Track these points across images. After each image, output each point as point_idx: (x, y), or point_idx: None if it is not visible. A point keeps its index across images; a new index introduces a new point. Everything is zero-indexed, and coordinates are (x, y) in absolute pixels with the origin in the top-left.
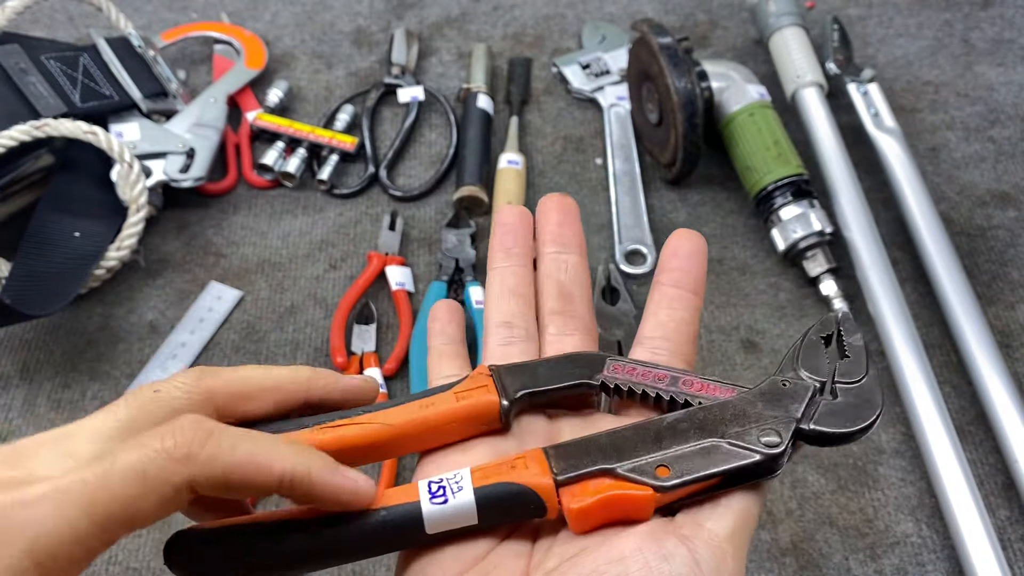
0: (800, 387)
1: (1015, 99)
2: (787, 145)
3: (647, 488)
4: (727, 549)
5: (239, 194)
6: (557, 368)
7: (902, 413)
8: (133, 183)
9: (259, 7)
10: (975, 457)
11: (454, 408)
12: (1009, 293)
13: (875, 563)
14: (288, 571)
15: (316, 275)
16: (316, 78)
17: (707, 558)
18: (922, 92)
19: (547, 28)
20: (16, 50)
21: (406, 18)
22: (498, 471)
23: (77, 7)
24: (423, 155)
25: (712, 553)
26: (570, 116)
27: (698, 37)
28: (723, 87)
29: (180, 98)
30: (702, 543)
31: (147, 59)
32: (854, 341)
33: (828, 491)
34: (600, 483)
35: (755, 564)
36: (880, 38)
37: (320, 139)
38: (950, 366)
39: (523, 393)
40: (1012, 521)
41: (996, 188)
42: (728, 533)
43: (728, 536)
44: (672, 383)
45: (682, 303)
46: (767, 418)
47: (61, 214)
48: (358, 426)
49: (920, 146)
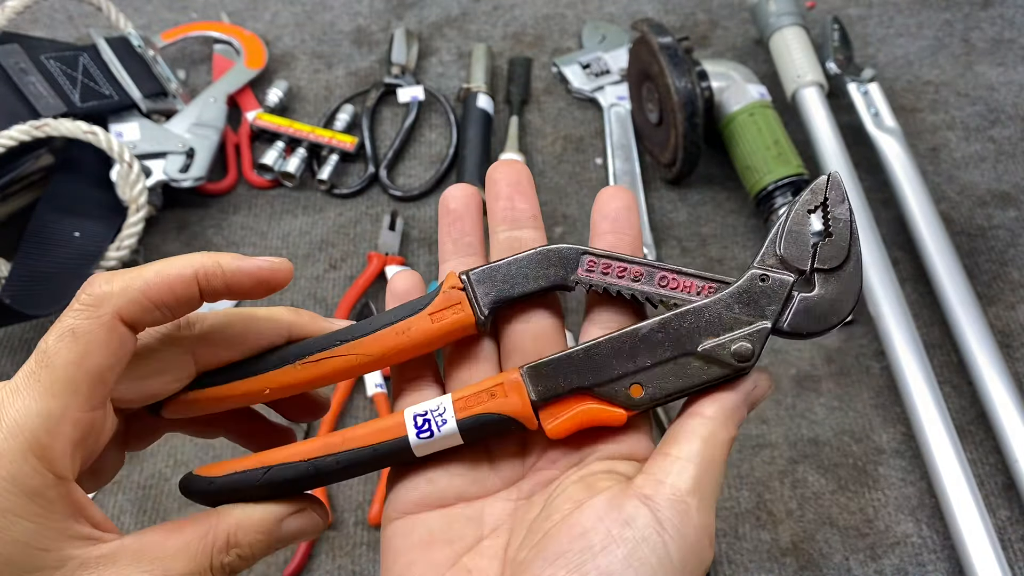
0: (777, 283)
1: (1015, 99)
2: (787, 145)
3: (618, 407)
4: (690, 502)
5: (239, 194)
6: (530, 269)
7: (902, 413)
8: (133, 183)
9: (259, 7)
10: (975, 457)
11: (430, 330)
12: (1009, 293)
13: (875, 563)
14: (292, 492)
15: (316, 275)
16: (316, 78)
17: (670, 515)
18: (922, 92)
19: (547, 28)
20: (16, 50)
21: (406, 18)
22: (479, 400)
23: (77, 7)
24: (423, 155)
25: (675, 509)
26: (570, 116)
27: (698, 37)
28: (723, 87)
29: (180, 98)
30: (664, 500)
31: (147, 59)
32: (839, 214)
33: (828, 491)
34: (576, 404)
35: (755, 564)
36: (880, 38)
37: (320, 139)
38: (950, 366)
39: (497, 304)
40: (1012, 521)
41: (996, 188)
42: (691, 486)
43: (691, 488)
44: (649, 279)
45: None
46: (742, 323)
47: (61, 214)
48: (339, 359)
49: (920, 146)
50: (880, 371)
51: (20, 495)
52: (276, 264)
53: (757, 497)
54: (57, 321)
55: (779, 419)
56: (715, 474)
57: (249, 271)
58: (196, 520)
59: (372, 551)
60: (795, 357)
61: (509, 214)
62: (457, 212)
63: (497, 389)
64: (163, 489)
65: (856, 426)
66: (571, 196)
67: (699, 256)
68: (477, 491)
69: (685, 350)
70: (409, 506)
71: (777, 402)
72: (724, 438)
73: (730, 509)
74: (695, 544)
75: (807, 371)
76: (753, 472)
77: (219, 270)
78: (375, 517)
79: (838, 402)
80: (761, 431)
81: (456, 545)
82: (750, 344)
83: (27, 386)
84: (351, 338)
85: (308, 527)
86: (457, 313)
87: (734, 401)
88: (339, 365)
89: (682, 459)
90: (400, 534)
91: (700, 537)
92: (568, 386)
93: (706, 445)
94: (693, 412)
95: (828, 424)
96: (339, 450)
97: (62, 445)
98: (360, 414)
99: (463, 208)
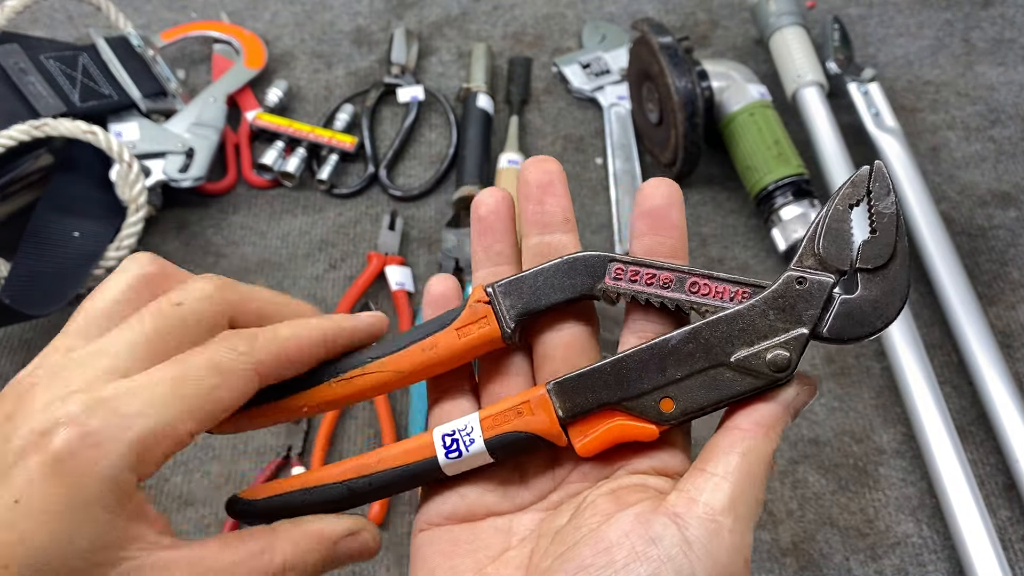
0: (816, 286)
1: (1016, 99)
2: (788, 145)
3: (648, 423)
4: (723, 522)
5: (238, 194)
6: (556, 279)
7: (903, 413)
8: (132, 183)
9: (259, 7)
10: (976, 457)
11: (457, 345)
12: (1010, 293)
13: (876, 563)
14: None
15: (316, 275)
16: (316, 78)
17: (699, 535)
18: (923, 92)
19: (547, 28)
20: (15, 50)
21: (406, 17)
22: (506, 418)
23: (76, 7)
24: (423, 155)
25: (705, 529)
26: (570, 116)
27: (698, 37)
28: (723, 87)
29: (179, 98)
30: (694, 519)
31: (146, 59)
32: (884, 208)
33: (829, 491)
34: (606, 420)
35: (756, 564)
36: (881, 38)
37: (320, 139)
38: (951, 366)
39: (523, 316)
40: (1013, 521)
41: (997, 188)
42: (725, 504)
43: (725, 507)
44: (679, 286)
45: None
46: (778, 330)
47: (60, 214)
48: (371, 375)
49: (921, 146)
50: (881, 371)
51: (110, 489)
52: (380, 320)
53: None
54: (199, 350)
55: None
56: (753, 491)
57: (364, 329)
58: (254, 535)
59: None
60: None
61: (539, 218)
62: (487, 220)
63: (524, 407)
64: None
65: (857, 426)
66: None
67: (699, 256)
68: (508, 507)
69: (718, 361)
70: (438, 519)
71: None
72: (764, 452)
73: None
74: (727, 566)
75: (807, 371)
76: None
77: (343, 333)
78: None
79: (839, 402)
80: None
81: (480, 555)
82: (787, 352)
83: (161, 385)
84: (381, 355)
85: (362, 550)
86: (483, 327)
87: (774, 412)
88: (371, 382)
89: (718, 476)
90: (427, 543)
91: (733, 559)
92: (596, 402)
93: (744, 460)
94: (730, 425)
95: (828, 424)
96: (373, 471)
97: (160, 455)
98: (360, 414)
99: (493, 215)
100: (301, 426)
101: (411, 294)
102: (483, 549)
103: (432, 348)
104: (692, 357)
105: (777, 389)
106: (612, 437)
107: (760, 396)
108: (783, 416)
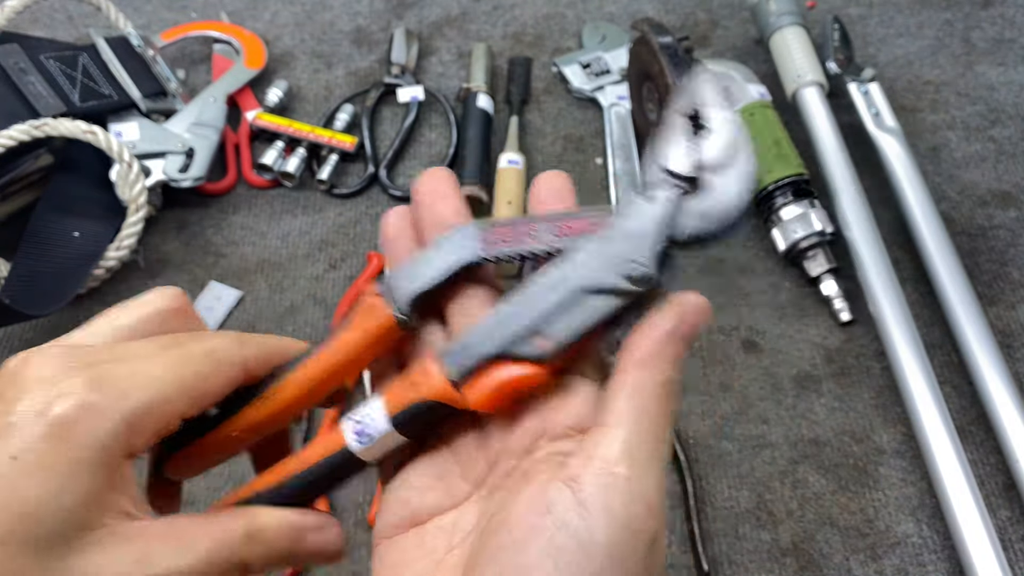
0: (663, 197)
1: (1016, 99)
2: (788, 145)
3: (531, 365)
4: (619, 472)
5: (238, 194)
6: (438, 258)
7: (903, 413)
8: (132, 183)
9: (259, 7)
10: (976, 457)
11: (359, 342)
12: (1010, 293)
13: (876, 563)
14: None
15: (316, 275)
16: (316, 78)
17: (593, 492)
18: (923, 92)
19: (547, 28)
20: (15, 50)
21: (406, 17)
22: (404, 392)
23: (76, 7)
24: (423, 155)
25: (600, 484)
26: (570, 116)
27: (698, 37)
28: None
29: (179, 98)
30: (590, 476)
31: (146, 59)
32: (718, 111)
33: (828, 491)
34: (492, 372)
35: (756, 564)
36: (881, 38)
37: (320, 139)
38: (951, 366)
39: (414, 298)
40: (1013, 521)
41: (997, 188)
42: (619, 453)
43: (619, 456)
44: (546, 234)
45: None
46: (634, 247)
47: (60, 214)
48: (288, 389)
49: (921, 146)
50: (881, 371)
51: (100, 456)
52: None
53: (757, 497)
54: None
55: (779, 419)
56: (652, 430)
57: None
58: (226, 511)
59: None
60: (795, 357)
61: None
62: (389, 236)
63: (416, 377)
64: None
65: (856, 426)
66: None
67: (698, 256)
68: (449, 503)
69: (580, 288)
70: (388, 530)
71: (777, 402)
72: (654, 383)
73: (730, 509)
74: (627, 518)
75: (807, 371)
76: (753, 472)
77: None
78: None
79: (838, 402)
80: (761, 431)
81: (427, 560)
82: (644, 266)
83: (160, 365)
84: (294, 367)
85: (327, 547)
86: (378, 319)
87: (656, 337)
88: (289, 396)
89: (609, 425)
90: (378, 558)
91: (632, 508)
92: (480, 356)
93: (630, 402)
94: (616, 370)
95: (828, 424)
96: (298, 471)
97: (151, 431)
98: None
99: (397, 233)
100: (301, 425)
101: None
102: (429, 554)
103: (338, 350)
104: (556, 290)
105: (650, 318)
106: (502, 385)
107: (636, 329)
108: (663, 343)
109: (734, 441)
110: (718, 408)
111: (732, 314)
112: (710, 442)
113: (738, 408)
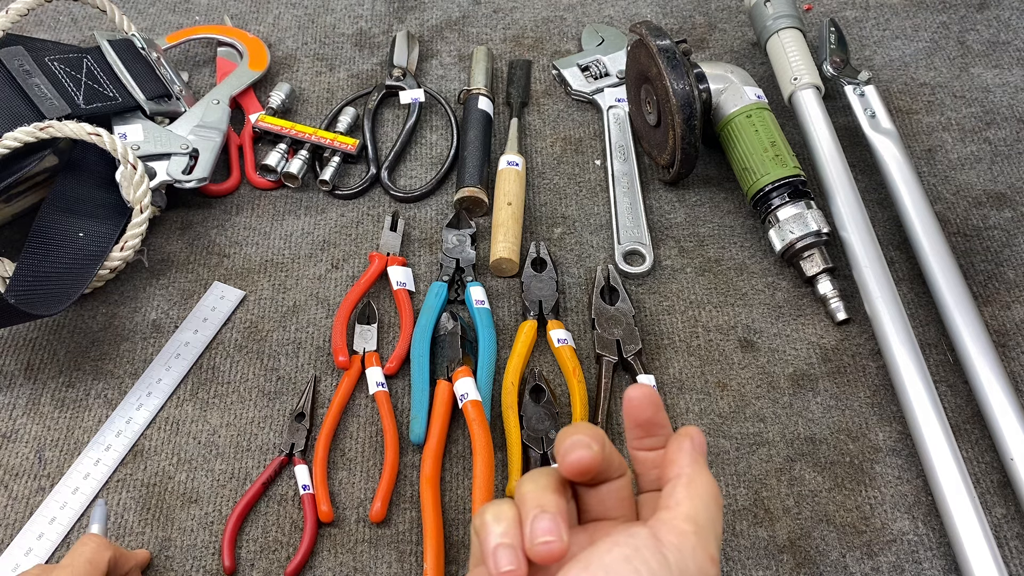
0: None
1: (1011, 100)
2: (784, 146)
3: None
4: (688, 528)
5: (242, 195)
6: None
7: (898, 411)
8: (137, 184)
9: (262, 10)
10: (971, 455)
11: None
12: (1005, 293)
13: (872, 560)
14: None
15: (318, 275)
16: (318, 80)
17: (665, 532)
18: (918, 94)
19: (547, 31)
20: (20, 52)
21: (407, 21)
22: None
23: (81, 9)
24: (424, 156)
25: (673, 531)
26: (569, 118)
27: (696, 39)
28: (721, 89)
29: (183, 100)
30: (662, 526)
31: (150, 61)
32: None
33: (825, 489)
34: None
35: (752, 561)
36: (877, 40)
37: (322, 140)
38: (946, 365)
39: None
40: (1008, 519)
41: (992, 189)
42: (685, 518)
43: (686, 520)
44: None
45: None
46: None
47: (65, 215)
48: None
49: (916, 147)
50: (876, 370)
51: None
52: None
53: (754, 495)
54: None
55: (776, 417)
56: (706, 506)
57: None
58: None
59: (373, 548)
60: (792, 356)
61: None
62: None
63: None
64: (167, 487)
65: (853, 424)
66: (570, 197)
67: (697, 256)
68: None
69: None
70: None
71: (774, 401)
72: (703, 478)
73: (727, 507)
74: (694, 561)
75: (804, 370)
76: (750, 470)
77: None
78: (375, 515)
79: (835, 401)
80: (758, 429)
81: None
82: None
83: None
84: None
85: None
86: None
87: (687, 449)
88: None
89: (671, 507)
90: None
91: (699, 555)
92: None
93: (688, 488)
94: (669, 476)
95: (825, 422)
96: None
97: None
98: (362, 412)
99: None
100: (304, 424)
101: (412, 293)
102: None
103: None
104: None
105: (678, 442)
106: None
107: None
108: (695, 451)
109: (731, 439)
110: (715, 406)
111: (729, 313)
112: (707, 440)
113: (735, 406)
